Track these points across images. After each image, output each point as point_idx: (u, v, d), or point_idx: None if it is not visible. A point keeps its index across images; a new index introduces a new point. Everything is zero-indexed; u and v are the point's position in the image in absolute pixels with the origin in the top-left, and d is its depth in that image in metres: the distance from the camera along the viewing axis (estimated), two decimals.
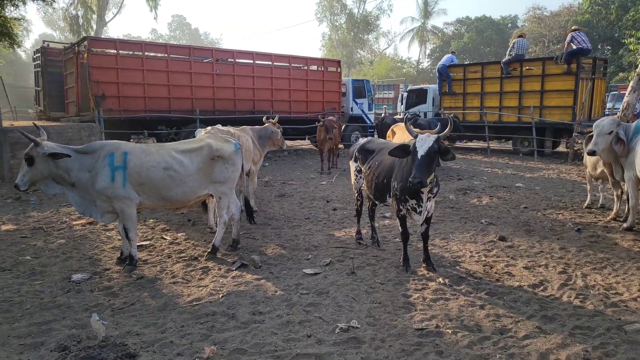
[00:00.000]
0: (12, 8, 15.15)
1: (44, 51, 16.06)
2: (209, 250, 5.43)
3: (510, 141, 17.57)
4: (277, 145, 8.28)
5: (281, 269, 4.99)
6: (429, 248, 5.10)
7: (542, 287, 4.47)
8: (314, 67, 17.76)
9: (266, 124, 8.36)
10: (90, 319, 3.57)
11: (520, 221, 7.09)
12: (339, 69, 18.41)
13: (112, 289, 4.45)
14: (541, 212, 7.73)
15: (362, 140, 5.90)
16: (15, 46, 16.37)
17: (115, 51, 13.27)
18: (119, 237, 5.90)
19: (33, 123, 5.78)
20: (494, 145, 18.71)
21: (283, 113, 15.47)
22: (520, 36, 17.12)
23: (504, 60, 16.67)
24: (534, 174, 12.09)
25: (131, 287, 4.48)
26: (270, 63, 16.23)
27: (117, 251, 5.54)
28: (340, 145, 15.49)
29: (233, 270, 4.92)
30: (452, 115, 11.97)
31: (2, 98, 11.66)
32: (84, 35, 31.49)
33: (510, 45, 17.05)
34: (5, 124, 11.26)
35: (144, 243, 5.93)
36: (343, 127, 16.37)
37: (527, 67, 16.12)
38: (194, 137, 6.98)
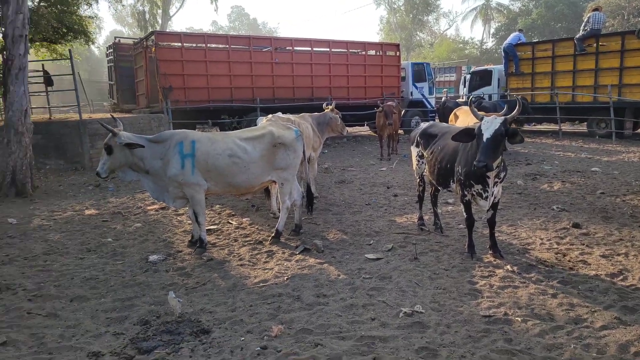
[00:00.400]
0: (86, 7, 16.17)
1: (116, 47, 17.02)
2: (273, 234, 5.59)
3: (585, 123, 16.47)
4: (336, 132, 8.32)
5: (343, 253, 5.04)
6: (496, 235, 4.94)
7: (621, 277, 4.21)
8: (372, 52, 17.54)
9: (325, 111, 8.41)
10: (167, 297, 3.82)
11: (596, 207, 6.67)
12: (397, 52, 18.06)
13: (185, 269, 4.71)
14: (620, 197, 7.23)
15: (424, 125, 5.79)
16: (90, 43, 17.48)
17: (180, 44, 13.83)
18: (189, 222, 6.21)
19: (111, 115, 6.21)
20: (566, 127, 17.64)
21: (341, 99, 15.47)
22: (595, 9, 15.89)
23: (577, 36, 15.58)
24: (612, 157, 11.28)
25: (202, 268, 4.73)
26: (327, 50, 16.23)
27: (188, 235, 5.84)
28: (400, 131, 15.25)
29: (296, 254, 5.04)
30: (519, 96, 11.36)
31: (80, 93, 12.70)
32: (151, 30, 33.02)
33: (585, 20, 15.89)
34: (84, 116, 12.11)
35: (212, 227, 6.21)
36: (403, 112, 16.10)
37: (603, 43, 14.96)
38: (256, 125, 7.18)
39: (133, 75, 15.89)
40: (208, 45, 14.26)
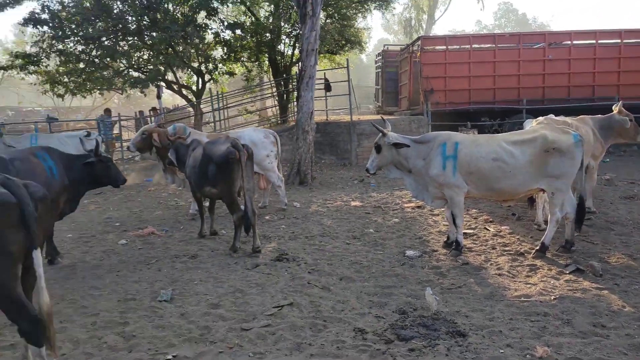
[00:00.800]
0: (361, 19, 18.04)
1: (384, 54, 18.39)
2: (537, 248, 5.09)
3: None
4: (626, 138, 6.98)
5: (630, 282, 4.20)
6: None
7: None
8: None
9: (612, 113, 7.14)
10: (424, 292, 3.93)
11: None
12: None
13: (440, 269, 4.76)
14: None
15: None
16: (362, 52, 19.42)
17: (444, 47, 13.97)
18: (445, 223, 6.24)
19: (381, 117, 6.75)
20: None
21: (634, 99, 12.87)
22: None
23: None
24: None
25: (457, 271, 4.68)
26: (618, 41, 13.75)
27: (443, 235, 5.88)
28: None
29: (566, 274, 4.46)
30: None
31: (351, 97, 14.67)
32: (415, 35, 34.44)
33: None
34: (354, 118, 13.52)
35: (467, 231, 6.08)
36: None
37: None
38: (523, 128, 6.66)
39: (397, 80, 16.90)
40: (473, 46, 13.97)
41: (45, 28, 14.17)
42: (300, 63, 11.15)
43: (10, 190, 2.60)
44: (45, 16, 14.01)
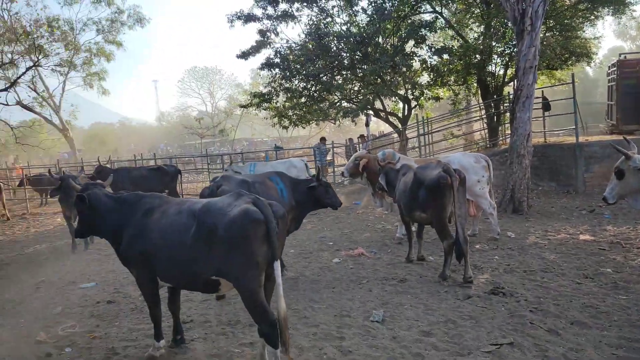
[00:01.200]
0: (590, 28, 15.89)
1: (619, 64, 15.73)
2: None
3: None
4: None
5: None
6: None
7: None
8: None
9: None
10: None
11: None
12: None
13: None
14: None
15: None
16: (591, 64, 17.06)
17: None
18: None
19: (624, 137, 5.70)
20: None
21: None
22: None
23: None
24: None
25: None
26: None
27: None
28: None
29: None
30: None
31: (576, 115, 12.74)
32: None
33: None
34: (580, 139, 11.85)
35: None
36: None
37: None
38: None
39: (638, 94, 14.24)
40: None
41: (277, 70, 16.57)
42: (515, 82, 10.39)
43: (259, 209, 3.07)
44: (277, 60, 16.42)
